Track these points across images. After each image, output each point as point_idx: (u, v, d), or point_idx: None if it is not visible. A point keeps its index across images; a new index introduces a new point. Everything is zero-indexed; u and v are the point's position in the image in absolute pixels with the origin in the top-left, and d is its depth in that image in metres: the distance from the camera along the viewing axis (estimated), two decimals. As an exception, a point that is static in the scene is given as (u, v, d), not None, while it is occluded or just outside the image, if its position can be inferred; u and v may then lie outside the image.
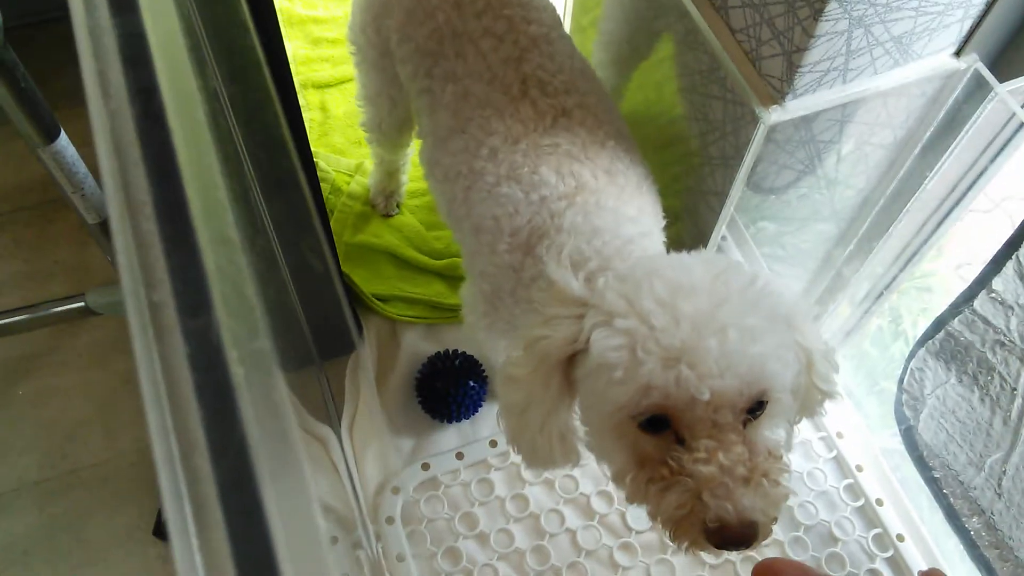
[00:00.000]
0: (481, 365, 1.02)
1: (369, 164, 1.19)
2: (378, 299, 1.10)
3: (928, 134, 0.82)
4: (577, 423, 0.65)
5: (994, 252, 1.10)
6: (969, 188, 0.85)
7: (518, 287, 0.72)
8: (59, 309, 1.44)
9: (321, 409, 1.01)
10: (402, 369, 1.05)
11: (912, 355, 0.94)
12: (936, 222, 0.90)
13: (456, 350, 1.03)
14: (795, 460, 1.00)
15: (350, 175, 1.20)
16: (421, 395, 1.01)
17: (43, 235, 1.60)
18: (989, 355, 0.87)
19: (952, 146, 0.81)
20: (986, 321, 0.86)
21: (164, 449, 0.20)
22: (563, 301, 0.61)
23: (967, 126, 0.79)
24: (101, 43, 0.24)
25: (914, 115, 0.80)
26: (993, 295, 0.85)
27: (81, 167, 1.19)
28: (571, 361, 0.60)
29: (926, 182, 0.86)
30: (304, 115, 1.26)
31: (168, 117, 0.23)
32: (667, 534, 0.57)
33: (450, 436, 1.01)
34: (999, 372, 0.86)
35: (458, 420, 1.01)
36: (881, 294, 1.00)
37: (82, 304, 1.43)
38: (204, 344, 0.21)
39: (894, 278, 0.97)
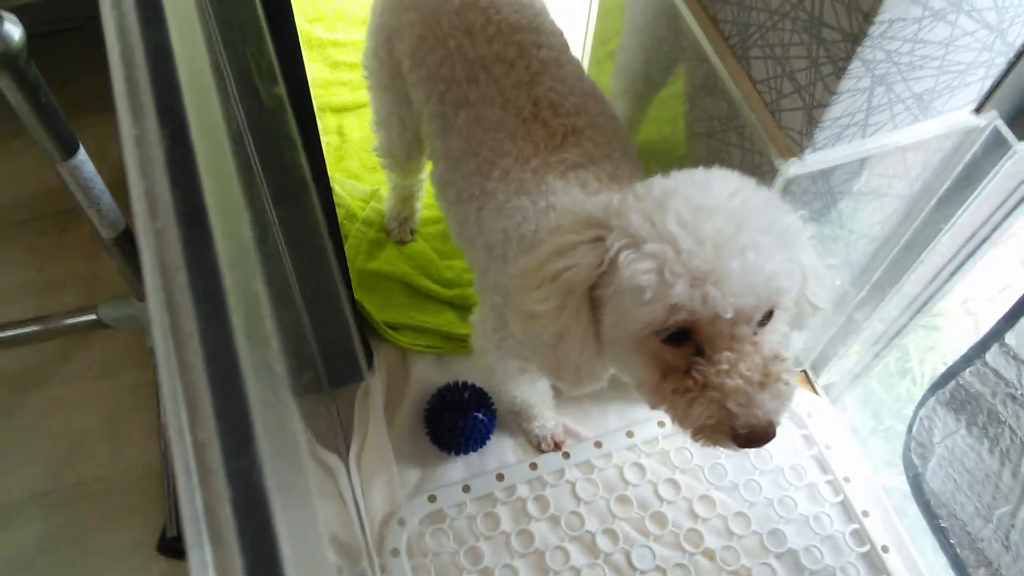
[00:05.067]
0: (490, 397, 1.02)
1: (385, 190, 1.19)
2: (389, 327, 1.10)
3: (945, 187, 0.82)
4: None
5: (1002, 288, 1.10)
6: (984, 240, 0.85)
7: None
8: (71, 321, 1.44)
9: (330, 437, 1.01)
10: (411, 399, 1.06)
11: (922, 403, 0.94)
12: (950, 272, 0.90)
13: (465, 382, 1.03)
14: (801, 503, 1.00)
15: (365, 201, 1.20)
16: (429, 426, 1.01)
17: (57, 245, 1.61)
18: (1000, 408, 0.87)
19: (969, 200, 0.81)
20: (997, 374, 0.86)
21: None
22: (577, 224, 0.63)
23: (984, 181, 0.79)
24: (150, 158, 0.24)
25: (931, 168, 0.80)
26: (1005, 349, 0.85)
27: (98, 183, 1.19)
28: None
29: (941, 234, 0.86)
30: (321, 139, 1.26)
31: (216, 239, 0.24)
32: (689, 435, 0.61)
33: (457, 468, 1.01)
34: (1009, 425, 0.86)
35: (466, 452, 1.01)
36: (892, 339, 1.00)
37: (94, 317, 1.43)
38: (248, 488, 0.21)
39: (905, 325, 0.97)
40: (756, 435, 0.58)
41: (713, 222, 0.57)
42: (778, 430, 0.59)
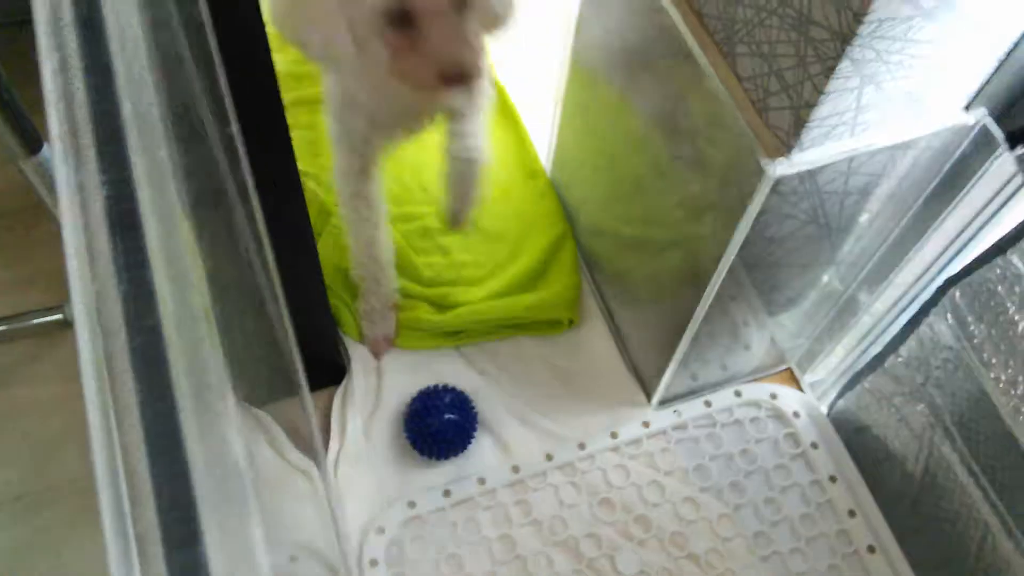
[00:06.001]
0: (471, 401, 1.00)
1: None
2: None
3: (933, 185, 0.80)
4: None
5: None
6: (971, 239, 0.84)
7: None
8: (37, 321, 1.41)
9: (307, 442, 0.98)
10: (389, 403, 1.03)
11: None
12: (940, 267, 0.89)
13: (445, 385, 1.01)
14: (787, 504, 0.99)
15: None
16: (409, 431, 0.99)
17: (24, 241, 1.57)
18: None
19: (958, 198, 0.79)
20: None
21: None
22: None
23: (973, 179, 0.77)
24: (89, 207, 0.22)
25: (920, 166, 0.78)
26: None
27: (63, 178, 1.15)
28: None
29: (930, 231, 0.84)
30: (293, 134, 1.23)
31: (159, 301, 0.22)
32: (410, 84, 0.84)
33: (438, 473, 0.99)
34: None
35: (446, 457, 0.99)
36: (881, 335, 0.99)
37: (60, 316, 1.40)
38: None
39: (891, 323, 0.96)
40: (452, 72, 0.80)
41: None
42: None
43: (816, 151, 0.71)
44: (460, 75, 0.81)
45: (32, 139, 1.07)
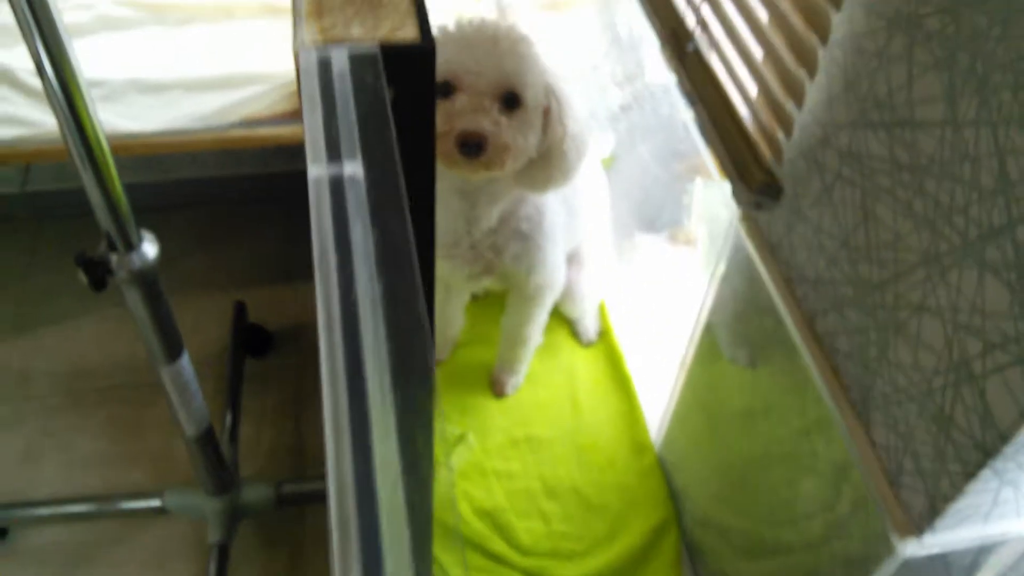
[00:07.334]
0: None
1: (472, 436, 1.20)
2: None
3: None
4: None
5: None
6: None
7: None
8: (133, 505, 1.44)
9: None
10: None
11: None
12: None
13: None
14: None
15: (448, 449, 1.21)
16: None
17: (136, 418, 1.63)
18: None
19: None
20: None
21: None
22: None
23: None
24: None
25: (1051, 553, 0.78)
26: None
27: (193, 383, 1.22)
28: None
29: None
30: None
31: None
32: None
33: None
34: None
35: None
36: None
37: (158, 503, 1.44)
38: None
39: None
40: (467, 138, 0.89)
41: (481, 33, 0.93)
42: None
43: (947, 536, 0.71)
44: (477, 144, 0.88)
45: (174, 347, 1.15)
